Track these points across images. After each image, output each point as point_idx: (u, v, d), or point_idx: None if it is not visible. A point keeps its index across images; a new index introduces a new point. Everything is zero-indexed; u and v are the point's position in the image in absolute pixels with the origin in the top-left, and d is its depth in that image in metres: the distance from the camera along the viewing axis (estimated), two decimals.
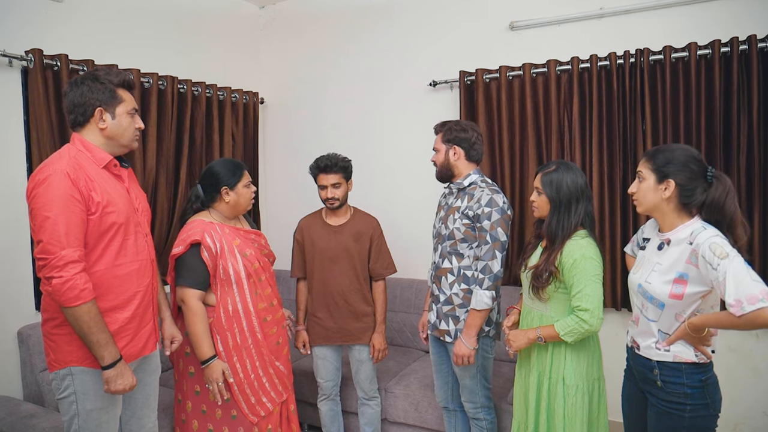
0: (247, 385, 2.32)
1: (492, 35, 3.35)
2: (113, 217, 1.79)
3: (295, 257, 2.78)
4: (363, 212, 2.80)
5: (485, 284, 2.23)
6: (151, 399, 2.06)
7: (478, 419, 2.47)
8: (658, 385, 1.75)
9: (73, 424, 1.80)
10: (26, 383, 2.62)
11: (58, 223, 1.64)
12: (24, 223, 2.68)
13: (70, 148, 1.80)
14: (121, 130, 1.85)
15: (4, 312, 2.62)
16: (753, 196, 2.71)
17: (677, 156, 1.71)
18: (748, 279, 1.52)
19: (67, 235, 1.64)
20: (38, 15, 2.74)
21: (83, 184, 1.72)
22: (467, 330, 2.27)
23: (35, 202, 1.67)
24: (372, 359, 2.74)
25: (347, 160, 2.67)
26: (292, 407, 2.52)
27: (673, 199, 1.72)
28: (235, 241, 2.30)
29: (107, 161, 1.83)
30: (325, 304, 2.69)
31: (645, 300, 1.77)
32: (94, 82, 1.79)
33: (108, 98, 1.81)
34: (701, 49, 2.76)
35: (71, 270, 1.64)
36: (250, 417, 2.31)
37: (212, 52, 3.75)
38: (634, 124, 2.93)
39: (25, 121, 2.68)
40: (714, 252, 1.57)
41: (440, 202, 2.53)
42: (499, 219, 2.23)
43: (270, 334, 2.40)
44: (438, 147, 2.40)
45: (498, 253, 2.23)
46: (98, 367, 1.77)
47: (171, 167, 3.30)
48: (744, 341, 2.85)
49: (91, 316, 1.69)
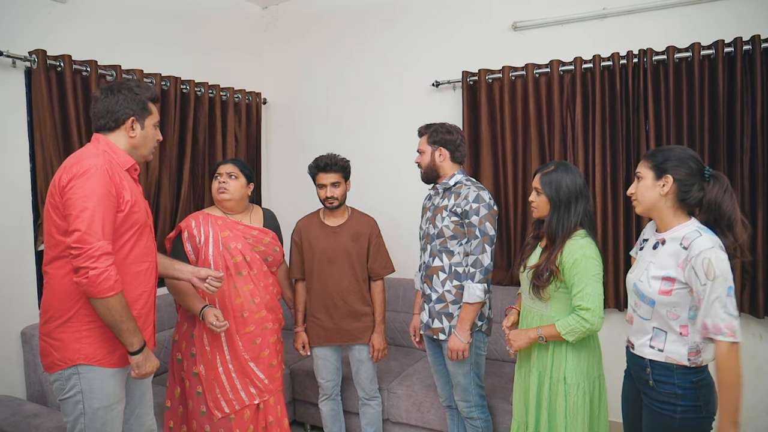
0: (215, 377, 2.37)
1: (495, 35, 3.35)
2: (136, 217, 1.85)
3: (293, 258, 2.78)
4: (360, 212, 2.80)
5: (477, 277, 2.29)
6: (147, 396, 2.08)
7: (472, 418, 2.48)
8: (650, 384, 1.75)
9: (78, 424, 1.80)
10: (29, 383, 2.63)
11: (96, 214, 1.69)
12: (28, 224, 2.69)
13: (97, 146, 1.86)
14: (146, 141, 1.95)
15: (7, 312, 2.62)
16: (756, 196, 2.70)
17: (675, 153, 1.73)
18: (721, 310, 1.58)
19: (103, 228, 1.70)
20: (41, 16, 2.74)
21: (117, 182, 1.79)
22: (461, 324, 2.32)
23: (74, 193, 1.70)
24: (372, 359, 2.74)
25: (346, 161, 2.68)
26: (271, 418, 2.49)
27: (671, 196, 1.73)
28: (224, 232, 2.41)
29: (130, 165, 1.90)
30: (324, 304, 2.69)
31: (638, 298, 1.79)
32: (130, 93, 1.89)
33: (140, 109, 1.91)
34: (704, 49, 2.75)
35: (106, 261, 1.69)
36: (214, 411, 2.36)
37: (215, 53, 3.76)
38: (637, 125, 2.92)
39: (29, 121, 2.69)
40: (705, 269, 1.60)
41: (425, 204, 2.60)
42: (487, 214, 2.29)
43: (246, 331, 2.42)
44: (423, 148, 2.46)
45: (487, 246, 2.29)
46: (105, 365, 1.80)
47: (174, 168, 3.31)
48: (748, 342, 2.84)
49: (123, 305, 1.75)
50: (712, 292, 1.59)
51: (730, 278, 1.60)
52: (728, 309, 1.58)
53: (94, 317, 1.78)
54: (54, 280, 1.80)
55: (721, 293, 1.58)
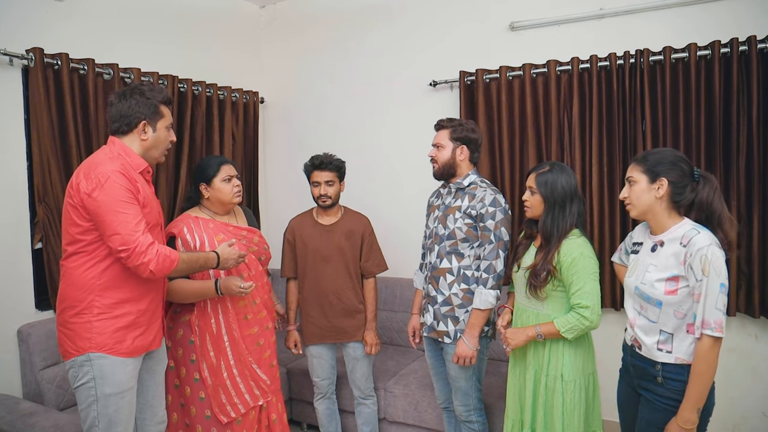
0: (220, 383, 2.33)
1: (492, 35, 3.36)
2: (147, 218, 1.93)
3: (286, 257, 2.77)
4: (353, 211, 2.81)
5: (489, 283, 2.24)
6: (160, 388, 2.15)
7: (470, 422, 2.46)
8: (659, 381, 1.76)
9: (92, 411, 1.88)
10: (26, 382, 2.63)
11: (128, 215, 1.82)
12: (24, 222, 2.68)
13: (112, 149, 1.95)
14: (158, 143, 2.03)
15: (4, 311, 2.62)
16: (753, 196, 2.71)
17: (666, 156, 1.77)
18: (711, 305, 1.63)
19: (138, 225, 1.83)
20: (39, 14, 2.74)
21: (134, 184, 1.90)
22: (470, 330, 2.27)
23: (100, 202, 1.82)
24: (366, 356, 2.74)
25: (341, 161, 2.70)
26: (274, 416, 2.48)
27: (666, 198, 1.76)
28: (218, 236, 2.35)
29: (143, 167, 1.99)
30: (318, 303, 2.69)
31: (643, 301, 1.80)
32: (142, 97, 1.96)
33: (152, 113, 1.98)
34: (701, 49, 2.76)
35: (154, 249, 1.83)
36: (219, 416, 2.32)
37: (213, 52, 3.75)
38: (634, 125, 2.93)
39: (26, 120, 2.68)
40: (702, 265, 1.65)
41: (432, 202, 2.53)
42: (503, 219, 2.24)
43: (250, 333, 2.40)
44: (444, 143, 2.35)
45: (501, 252, 2.24)
46: (115, 354, 1.89)
47: (171, 166, 3.30)
48: (743, 342, 2.85)
49: (189, 264, 1.99)
50: (706, 288, 1.63)
51: (724, 274, 1.64)
52: (718, 304, 1.63)
53: (104, 309, 1.88)
54: (69, 273, 1.90)
55: (714, 289, 1.63)
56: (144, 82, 2.82)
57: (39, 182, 2.64)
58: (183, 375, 2.35)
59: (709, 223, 1.74)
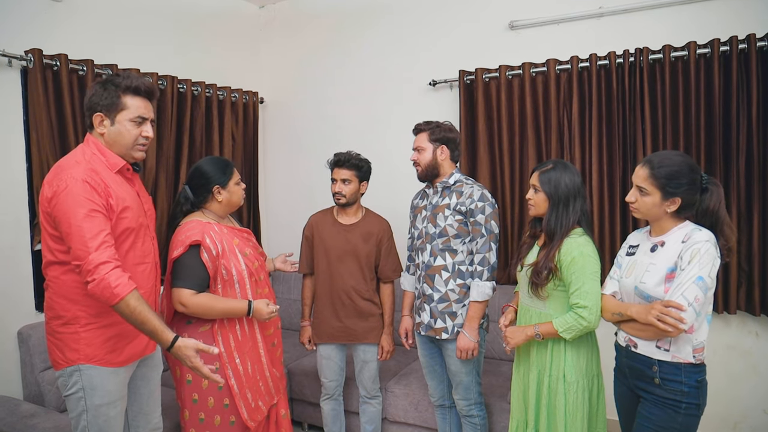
0: (248, 387, 2.27)
1: (492, 34, 3.36)
2: (126, 223, 1.82)
3: (303, 253, 2.78)
4: (375, 213, 2.79)
5: (485, 275, 2.31)
6: (155, 394, 2.09)
7: (471, 416, 2.48)
8: (656, 382, 1.76)
9: (82, 420, 1.82)
10: (26, 383, 2.62)
11: (83, 228, 1.67)
12: (24, 223, 2.68)
13: (85, 150, 1.82)
14: (119, 137, 1.83)
15: (4, 312, 2.62)
16: (752, 196, 2.71)
17: (682, 170, 1.74)
18: (679, 291, 1.65)
19: (93, 239, 1.67)
20: (38, 15, 2.74)
21: (101, 190, 1.74)
22: (469, 323, 2.32)
23: (58, 211, 1.70)
24: (376, 359, 2.75)
25: (363, 160, 2.65)
26: (283, 412, 2.47)
27: (674, 209, 1.78)
28: (234, 240, 2.28)
29: (120, 166, 1.84)
30: (330, 302, 2.69)
31: (642, 301, 1.80)
32: (100, 87, 1.81)
33: (109, 104, 1.80)
34: (700, 48, 2.76)
35: (102, 271, 1.66)
36: (249, 423, 2.25)
37: (212, 52, 3.75)
38: (633, 123, 2.93)
39: (25, 121, 2.68)
40: (691, 256, 1.68)
41: (416, 203, 2.57)
42: (492, 212, 2.33)
43: (268, 335, 2.38)
44: (423, 146, 2.42)
45: (493, 244, 2.33)
46: (106, 365, 1.82)
47: (171, 167, 3.30)
48: (743, 339, 2.85)
49: (131, 310, 1.69)
50: (684, 274, 1.66)
51: (707, 270, 1.66)
52: (685, 292, 1.64)
53: (91, 320, 1.80)
54: (53, 282, 1.82)
55: (689, 275, 1.65)
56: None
57: (38, 183, 2.63)
58: (205, 386, 2.23)
59: (713, 229, 1.75)
